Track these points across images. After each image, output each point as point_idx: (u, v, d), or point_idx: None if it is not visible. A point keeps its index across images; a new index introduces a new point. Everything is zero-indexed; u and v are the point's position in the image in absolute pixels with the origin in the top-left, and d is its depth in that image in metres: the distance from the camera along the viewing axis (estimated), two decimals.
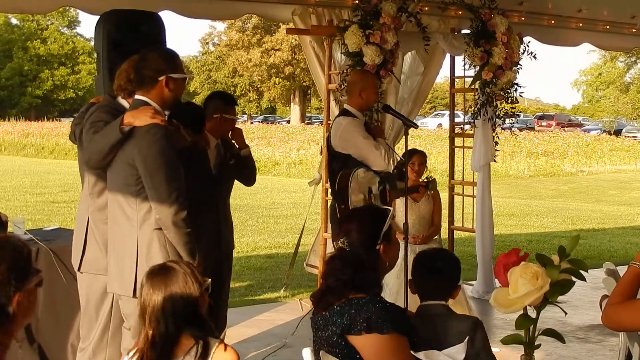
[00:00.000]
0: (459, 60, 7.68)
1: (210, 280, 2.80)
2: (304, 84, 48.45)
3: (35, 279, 2.02)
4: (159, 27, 4.83)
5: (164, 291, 2.67)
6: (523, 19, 7.94)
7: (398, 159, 5.48)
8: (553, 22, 8.33)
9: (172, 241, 3.76)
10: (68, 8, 38.66)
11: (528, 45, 7.55)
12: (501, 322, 6.61)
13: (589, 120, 54.01)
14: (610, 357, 5.78)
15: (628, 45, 9.91)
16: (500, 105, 7.48)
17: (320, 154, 6.83)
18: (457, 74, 7.97)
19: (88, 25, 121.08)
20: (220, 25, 53.53)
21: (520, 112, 11.18)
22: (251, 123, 47.64)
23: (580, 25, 8.61)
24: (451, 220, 7.97)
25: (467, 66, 7.51)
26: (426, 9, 7.09)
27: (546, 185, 23.61)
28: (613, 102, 49.72)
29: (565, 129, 44.02)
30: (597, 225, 14.25)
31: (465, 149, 8.13)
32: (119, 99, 4.15)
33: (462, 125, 8.26)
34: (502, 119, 7.57)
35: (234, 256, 5.41)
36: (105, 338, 4.22)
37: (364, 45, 6.28)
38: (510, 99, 7.47)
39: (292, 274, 7.88)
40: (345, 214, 4.68)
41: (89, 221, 4.20)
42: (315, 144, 28.01)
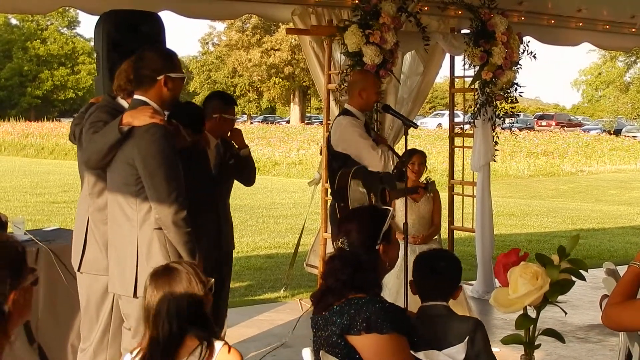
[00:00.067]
0: (458, 60, 7.69)
1: (213, 280, 2.80)
2: (304, 84, 48.46)
3: (30, 277, 2.02)
4: (159, 27, 4.82)
5: (168, 292, 2.67)
6: (523, 18, 7.94)
7: (397, 159, 5.47)
8: (553, 22, 8.33)
9: (172, 241, 3.76)
10: (68, 8, 38.69)
11: (528, 45, 7.55)
12: (501, 322, 6.61)
13: (588, 120, 54.03)
14: (610, 357, 5.78)
15: (628, 44, 9.91)
16: (500, 105, 7.48)
17: (320, 154, 6.83)
18: (457, 73, 7.97)
19: (88, 25, 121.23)
20: (220, 26, 53.65)
21: (520, 112, 11.18)
22: (251, 123, 47.63)
23: (580, 25, 8.61)
24: (451, 220, 7.97)
25: (467, 66, 7.51)
26: (426, 8, 7.10)
27: (546, 185, 23.60)
28: (613, 102, 49.73)
29: (565, 128, 44.02)
30: (597, 225, 14.24)
31: (465, 149, 8.13)
32: (119, 99, 4.14)
33: (462, 125, 8.27)
34: (502, 119, 7.57)
35: (234, 256, 5.41)
36: (106, 339, 4.22)
37: (364, 45, 6.28)
38: (510, 98, 7.47)
39: (292, 274, 7.88)
40: (345, 214, 4.67)
41: (89, 221, 4.20)
42: (315, 144, 28.01)
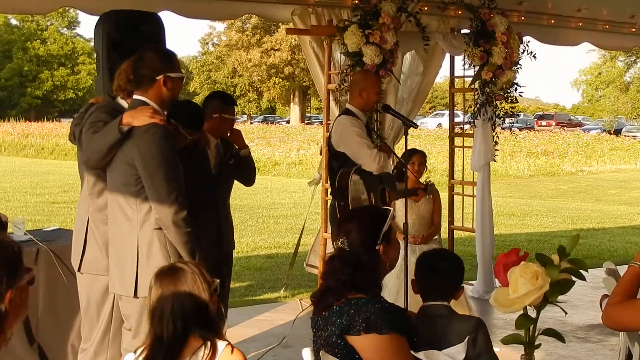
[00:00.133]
0: (458, 60, 7.69)
1: (218, 280, 2.80)
2: (304, 84, 48.45)
3: (26, 277, 2.02)
4: (159, 28, 4.83)
5: (172, 291, 2.66)
6: (523, 18, 7.94)
7: (397, 160, 5.48)
8: (553, 22, 8.33)
9: (172, 241, 3.76)
10: (68, 8, 38.68)
11: (528, 45, 7.55)
12: (501, 322, 6.60)
13: (588, 120, 54.03)
14: (610, 357, 5.78)
15: (628, 44, 9.91)
16: (500, 104, 7.48)
17: (320, 154, 6.83)
18: (457, 73, 7.97)
19: (88, 25, 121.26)
20: (220, 26, 53.64)
21: (520, 112, 11.19)
22: (251, 123, 47.64)
23: (580, 24, 8.61)
24: (451, 220, 7.97)
25: (467, 66, 7.52)
26: (426, 8, 7.10)
27: (546, 185, 23.59)
28: (613, 102, 49.73)
29: (565, 128, 44.01)
30: (597, 225, 14.24)
31: (465, 149, 8.13)
32: (119, 99, 4.14)
33: (462, 125, 8.27)
34: (502, 119, 7.57)
35: (234, 256, 5.41)
36: (106, 339, 4.22)
37: (364, 45, 6.28)
38: (510, 98, 7.47)
39: (292, 274, 7.88)
40: (345, 214, 4.67)
41: (89, 221, 4.20)
42: (315, 144, 28.02)
